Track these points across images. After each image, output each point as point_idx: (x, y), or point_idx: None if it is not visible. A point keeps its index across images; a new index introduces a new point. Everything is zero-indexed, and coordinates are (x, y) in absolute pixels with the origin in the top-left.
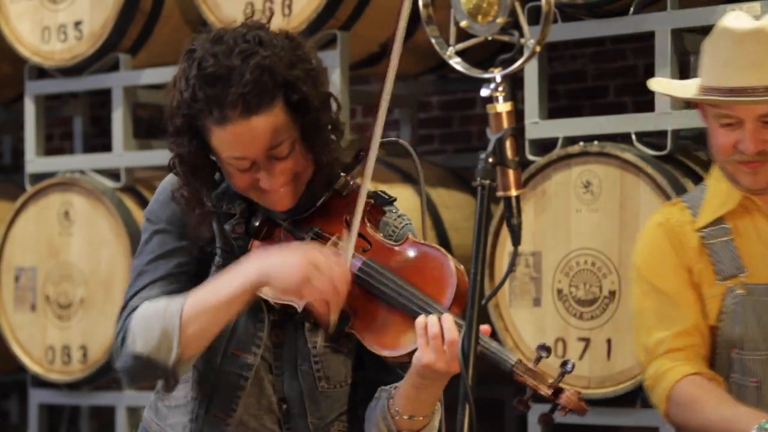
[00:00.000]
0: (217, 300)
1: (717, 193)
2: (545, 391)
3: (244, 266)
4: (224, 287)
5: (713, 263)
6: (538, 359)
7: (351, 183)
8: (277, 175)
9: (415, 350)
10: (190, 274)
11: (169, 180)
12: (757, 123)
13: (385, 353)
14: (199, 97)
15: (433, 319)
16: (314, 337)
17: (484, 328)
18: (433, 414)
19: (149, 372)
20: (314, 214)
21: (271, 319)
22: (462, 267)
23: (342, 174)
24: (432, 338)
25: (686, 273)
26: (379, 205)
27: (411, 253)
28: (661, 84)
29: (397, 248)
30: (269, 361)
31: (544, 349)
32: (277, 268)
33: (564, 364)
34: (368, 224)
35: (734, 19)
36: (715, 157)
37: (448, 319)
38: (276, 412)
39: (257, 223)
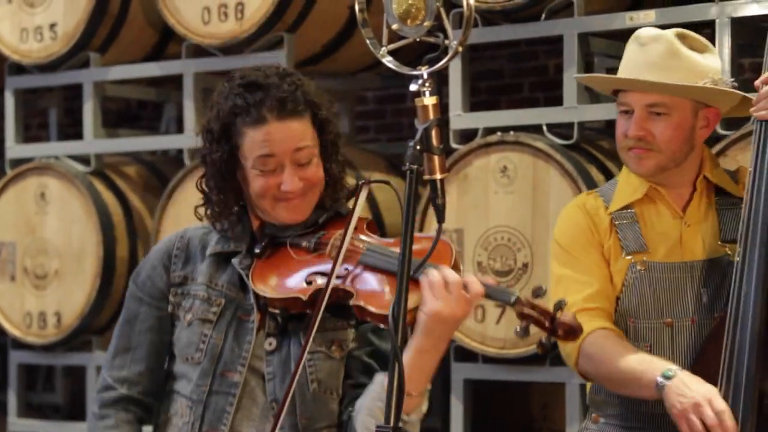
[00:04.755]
0: None
1: (627, 184)
2: (544, 318)
3: None
4: None
5: (620, 239)
6: (536, 296)
7: (350, 207)
8: (296, 178)
9: (414, 307)
10: (155, 341)
11: (157, 245)
12: (644, 111)
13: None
14: (239, 103)
15: (432, 271)
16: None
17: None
18: (425, 393)
19: None
20: (315, 231)
21: (265, 331)
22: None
23: (343, 199)
24: (435, 285)
25: (599, 247)
26: (372, 222)
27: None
28: (587, 78)
29: (393, 240)
30: (261, 370)
31: (541, 289)
32: None
33: (559, 302)
34: (365, 229)
35: (643, 30)
36: (617, 146)
37: (447, 268)
38: (268, 414)
39: (259, 250)
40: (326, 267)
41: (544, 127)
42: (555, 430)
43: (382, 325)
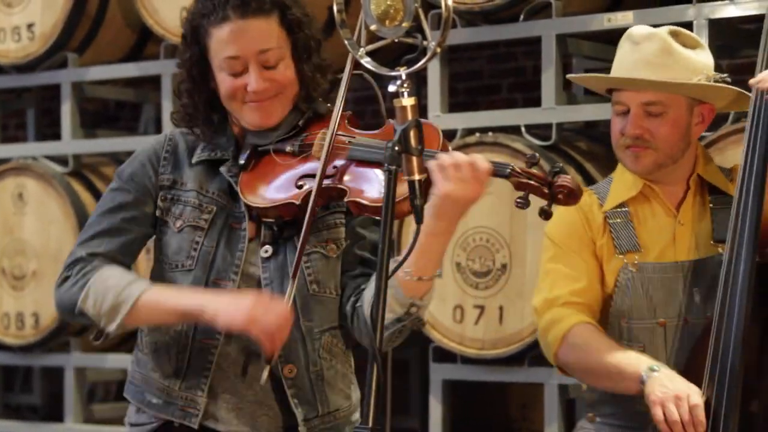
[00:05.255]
0: (168, 308)
1: (622, 182)
2: (541, 183)
3: (203, 298)
4: (179, 301)
5: (614, 238)
6: (531, 164)
7: (329, 106)
8: (264, 80)
9: (407, 196)
10: (135, 231)
11: (144, 145)
12: (640, 110)
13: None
14: (206, 3)
15: (442, 155)
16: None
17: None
18: (434, 276)
19: (82, 321)
20: (297, 134)
21: (260, 240)
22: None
23: (320, 99)
24: (447, 167)
25: (591, 245)
26: (354, 116)
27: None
28: (583, 79)
29: (379, 132)
30: (256, 275)
31: (534, 157)
32: (226, 307)
33: (554, 165)
34: (347, 125)
35: (636, 28)
36: (612, 145)
37: (455, 152)
38: None
39: (243, 161)
40: (314, 167)
41: (523, 128)
42: (534, 431)
43: (377, 217)
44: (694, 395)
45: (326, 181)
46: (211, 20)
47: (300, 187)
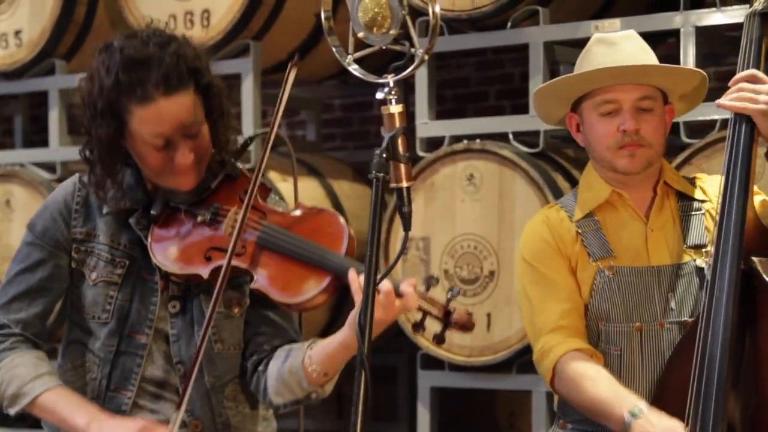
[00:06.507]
0: (59, 417)
1: (588, 191)
2: (437, 311)
3: (92, 418)
4: (70, 416)
5: (586, 247)
6: (428, 287)
7: (240, 168)
8: (188, 152)
9: (315, 294)
10: (54, 288)
11: (54, 194)
12: (634, 106)
13: (290, 300)
14: (122, 80)
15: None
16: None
17: (412, 281)
18: (339, 371)
19: None
20: (210, 196)
21: (168, 294)
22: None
23: (232, 160)
24: (385, 294)
25: (566, 260)
26: (264, 185)
27: (302, 215)
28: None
29: (289, 213)
30: (165, 331)
31: (433, 278)
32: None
33: (450, 290)
34: (260, 199)
35: (603, 34)
36: (597, 150)
37: (386, 283)
38: (173, 376)
39: (155, 212)
40: (223, 242)
41: (510, 135)
42: None
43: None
44: None
45: (235, 261)
46: (131, 98)
47: (209, 258)
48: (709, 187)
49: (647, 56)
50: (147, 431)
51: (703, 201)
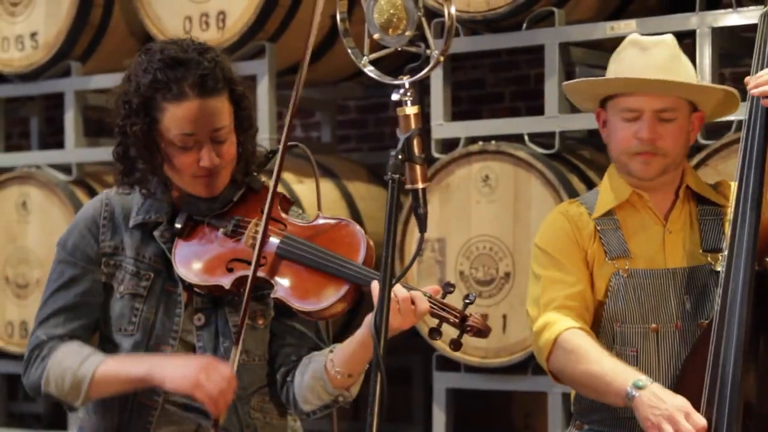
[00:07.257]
0: (121, 378)
1: (609, 190)
2: (454, 317)
3: (150, 364)
4: (130, 371)
5: (604, 245)
6: (445, 294)
7: (262, 180)
8: (214, 155)
9: (334, 302)
10: (91, 302)
11: (82, 211)
12: (654, 116)
13: (310, 309)
14: (159, 78)
15: (397, 287)
16: (234, 316)
17: (435, 288)
18: (362, 372)
19: (54, 401)
20: (232, 209)
21: (193, 307)
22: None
23: (254, 173)
24: (402, 301)
25: (581, 251)
26: (286, 197)
27: (321, 226)
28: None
29: (309, 225)
30: (191, 343)
31: (450, 285)
32: (171, 373)
33: (467, 296)
34: (281, 211)
35: (638, 35)
36: (614, 152)
37: (398, 286)
38: None
39: (179, 225)
40: (244, 253)
41: (526, 137)
42: None
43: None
44: (694, 414)
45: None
46: (167, 96)
47: (230, 270)
48: (733, 193)
49: (677, 65)
50: (208, 367)
51: (723, 206)
